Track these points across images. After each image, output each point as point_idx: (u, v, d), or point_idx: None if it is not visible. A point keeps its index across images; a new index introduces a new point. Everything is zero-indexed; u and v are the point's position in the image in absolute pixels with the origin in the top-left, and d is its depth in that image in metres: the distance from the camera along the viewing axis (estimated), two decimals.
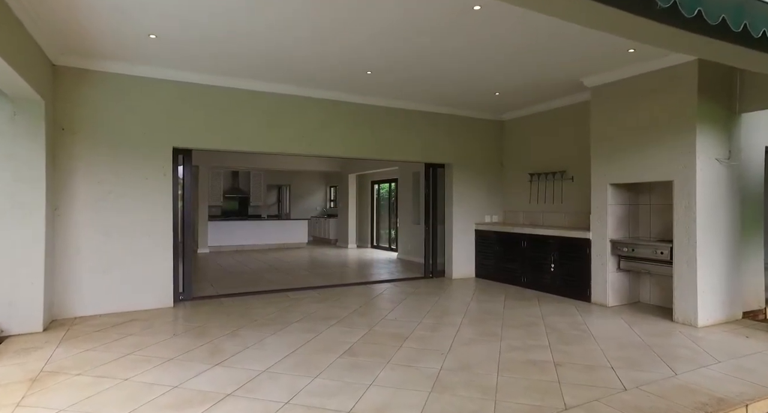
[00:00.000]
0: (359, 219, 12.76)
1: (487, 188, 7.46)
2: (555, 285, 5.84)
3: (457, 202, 7.16)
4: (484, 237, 7.12)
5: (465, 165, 7.22)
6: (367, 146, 6.39)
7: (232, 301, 5.47)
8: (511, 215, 7.43)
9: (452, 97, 6.30)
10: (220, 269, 8.12)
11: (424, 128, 6.84)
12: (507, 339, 3.93)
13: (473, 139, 7.31)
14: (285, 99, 5.79)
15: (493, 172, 7.52)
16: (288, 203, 15.30)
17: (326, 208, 15.67)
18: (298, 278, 7.20)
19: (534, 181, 6.95)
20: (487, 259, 7.04)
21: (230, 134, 5.47)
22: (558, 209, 6.55)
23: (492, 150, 7.51)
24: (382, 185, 12.29)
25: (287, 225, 12.46)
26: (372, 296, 5.83)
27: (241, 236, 11.74)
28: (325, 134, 6.07)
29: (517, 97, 6.33)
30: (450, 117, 7.07)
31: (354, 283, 6.73)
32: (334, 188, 15.43)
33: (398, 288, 6.33)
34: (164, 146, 5.10)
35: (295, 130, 5.86)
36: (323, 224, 14.30)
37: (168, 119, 5.12)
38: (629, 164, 4.94)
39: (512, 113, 7.29)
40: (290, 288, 6.23)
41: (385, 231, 12.20)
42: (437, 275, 7.28)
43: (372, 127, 6.42)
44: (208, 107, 5.34)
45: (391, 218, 11.68)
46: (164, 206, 5.10)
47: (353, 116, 6.28)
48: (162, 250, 5.08)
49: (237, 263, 9.09)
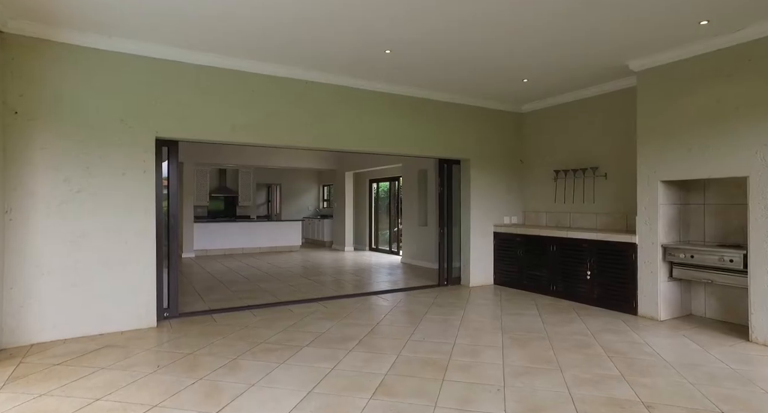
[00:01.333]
0: (356, 220, 12.01)
1: (506, 186, 6.80)
2: (592, 295, 5.20)
3: (474, 202, 6.49)
4: (505, 241, 6.45)
5: (483, 161, 6.55)
6: (380, 139, 5.67)
7: (227, 318, 4.68)
8: (532, 216, 6.79)
9: (472, 83, 5.61)
10: (209, 278, 7.29)
11: (439, 120, 6.14)
12: (568, 368, 3.25)
13: (491, 132, 6.64)
14: (288, 83, 5.03)
15: (512, 169, 6.86)
16: (279, 203, 14.47)
17: (319, 208, 14.88)
18: (298, 287, 6.43)
19: (559, 179, 6.31)
20: (509, 265, 6.38)
21: (224, 122, 4.69)
22: (588, 210, 5.92)
23: (510, 145, 6.85)
24: (381, 183, 11.57)
25: (279, 227, 11.65)
26: (387, 309, 5.10)
27: (229, 239, 10.89)
28: (333, 125, 5.33)
29: (546, 85, 5.67)
30: (467, 108, 6.39)
31: (363, 293, 6.00)
32: (327, 187, 14.65)
33: (414, 299, 5.62)
34: (145, 135, 4.29)
35: (297, 119, 5.10)
36: (317, 225, 13.51)
37: (150, 103, 4.31)
38: (687, 158, 4.32)
39: (533, 104, 6.64)
40: (292, 301, 5.46)
41: (384, 233, 11.49)
42: (452, 282, 6.59)
43: (384, 117, 5.70)
44: (199, 90, 4.55)
45: (392, 219, 10.97)
46: (146, 208, 4.29)
47: (364, 104, 5.54)
48: (143, 259, 4.27)
49: (227, 269, 8.27)
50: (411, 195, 9.01)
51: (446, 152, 6.26)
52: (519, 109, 6.87)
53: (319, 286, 6.49)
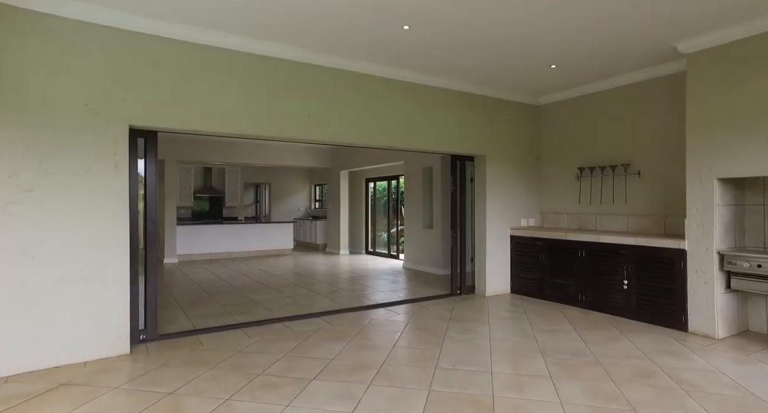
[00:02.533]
0: (352, 222, 11.33)
1: (523, 185, 6.20)
2: (630, 307, 4.62)
3: (490, 202, 5.87)
4: (524, 245, 5.85)
5: (498, 158, 5.94)
6: (393, 132, 5.01)
7: (215, 339, 3.97)
8: (551, 218, 6.20)
9: (491, 70, 4.99)
10: (193, 288, 6.54)
11: (453, 112, 5.51)
12: (643, 407, 2.64)
13: (506, 126, 6.04)
14: (290, 67, 4.34)
15: (529, 166, 6.27)
16: (268, 204, 13.70)
17: (311, 209, 14.15)
18: (295, 298, 5.73)
19: (584, 177, 5.73)
20: (528, 272, 5.78)
21: (212, 110, 3.98)
22: (618, 211, 5.35)
23: (527, 140, 6.26)
24: (378, 183, 10.91)
25: (270, 229, 10.90)
26: (400, 325, 4.45)
27: (215, 243, 10.11)
28: (342, 116, 4.65)
29: (575, 72, 5.08)
30: (482, 100, 5.77)
31: (369, 306, 5.33)
32: (320, 187, 13.93)
33: (427, 312, 4.97)
34: (116, 124, 3.56)
35: (300, 108, 4.41)
36: (308, 227, 12.78)
37: (121, 85, 3.58)
38: (755, 152, 3.76)
39: (552, 95, 6.06)
40: (290, 316, 4.77)
41: (381, 235, 10.83)
42: (466, 291, 5.96)
43: (397, 107, 5.04)
44: (183, 71, 3.83)
45: (390, 220, 10.32)
46: (116, 211, 3.56)
47: (376, 92, 4.88)
48: (113, 273, 3.54)
49: (213, 277, 7.51)
50: (415, 195, 8.37)
51: (460, 147, 5.63)
52: (536, 101, 6.28)
53: (319, 297, 5.80)
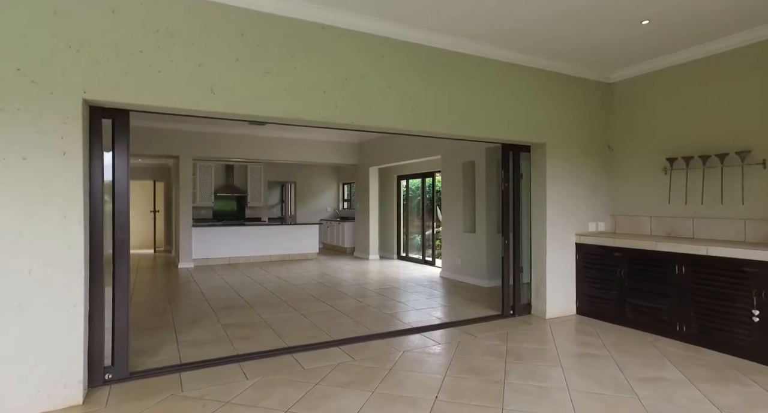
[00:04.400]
0: (382, 223, 10.32)
1: (591, 182, 5.00)
2: (764, 349, 3.36)
3: (552, 202, 4.72)
4: (594, 255, 4.66)
5: (561, 147, 4.78)
6: (428, 113, 3.96)
7: (201, 380, 3.04)
8: (626, 222, 4.97)
9: (558, 30, 3.84)
10: (198, 300, 5.69)
11: (504, 89, 4.40)
12: None
13: (571, 109, 4.86)
14: (295, 27, 3.37)
15: (598, 158, 5.06)
16: (293, 204, 12.89)
17: (339, 209, 13.25)
18: (311, 318, 4.77)
19: (676, 170, 4.49)
20: (602, 289, 4.58)
21: (197, 81, 3.04)
22: (729, 214, 4.09)
23: (596, 126, 5.05)
24: (411, 180, 9.85)
25: (294, 231, 10.04)
26: (441, 363, 3.38)
27: (234, 246, 9.33)
28: (360, 90, 3.64)
29: (674, 28, 3.85)
30: (539, 74, 4.62)
31: (402, 331, 4.28)
32: (348, 186, 13.01)
33: (475, 341, 3.88)
34: (64, 97, 2.67)
35: (308, 80, 3.43)
36: (336, 228, 11.87)
37: (71, 46, 2.69)
38: None
39: (631, 68, 4.83)
40: (302, 345, 3.78)
41: (415, 238, 9.77)
42: (521, 311, 4.82)
43: (433, 81, 3.99)
44: (156, 28, 2.92)
45: (424, 222, 9.24)
46: (67, 212, 2.68)
47: (405, 62, 3.85)
48: (61, 297, 2.66)
49: (225, 286, 6.67)
50: (453, 194, 7.26)
51: (515, 134, 4.50)
52: (607, 77, 5.07)
53: (341, 317, 4.81)
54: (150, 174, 11.80)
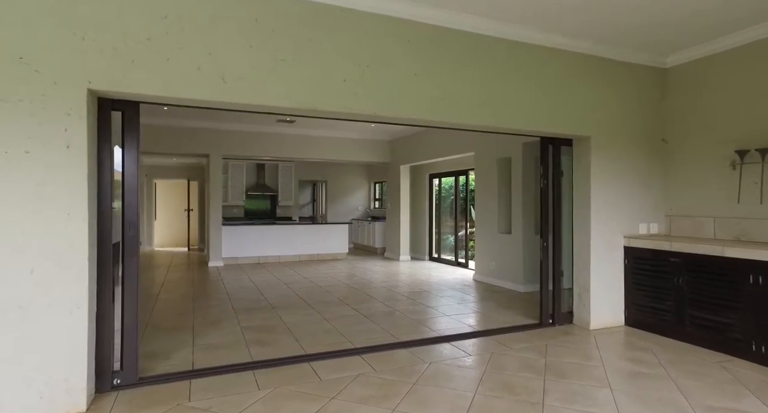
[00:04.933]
0: (413, 223, 10.01)
1: (642, 178, 4.51)
2: None
3: (596, 201, 4.27)
4: (647, 261, 4.17)
5: (607, 140, 4.31)
6: (460, 103, 3.63)
7: (213, 389, 2.85)
8: (684, 224, 4.44)
9: (602, 14, 3.41)
10: (221, 300, 5.58)
11: (543, 77, 4.00)
12: None
13: (619, 97, 4.38)
14: (313, 11, 3.13)
15: (650, 153, 4.55)
16: (324, 203, 12.78)
17: (370, 209, 13.03)
18: (334, 322, 4.53)
19: (748, 163, 3.94)
20: (656, 299, 4.09)
21: (208, 70, 2.85)
22: None
23: (648, 116, 4.54)
24: (444, 179, 9.48)
25: (324, 231, 9.89)
26: (472, 378, 3.04)
27: (264, 245, 9.27)
28: (386, 79, 3.36)
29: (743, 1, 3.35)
30: (582, 59, 4.18)
31: (430, 339, 3.97)
32: (379, 185, 12.76)
33: (510, 353, 3.51)
34: (68, 86, 2.53)
35: (329, 69, 3.18)
36: (366, 228, 11.65)
37: (76, 27, 2.55)
38: None
39: (690, 51, 4.30)
40: (322, 353, 3.54)
41: (448, 239, 9.39)
42: (561, 320, 4.40)
43: (464, 68, 3.65)
44: (164, 14, 2.74)
45: (457, 222, 8.85)
46: (71, 207, 2.54)
47: (434, 48, 3.53)
48: (64, 297, 2.52)
49: (251, 286, 6.56)
50: (488, 192, 6.86)
51: (556, 126, 4.09)
52: (662, 62, 4.55)
53: (366, 322, 4.54)
54: (184, 173, 11.99)
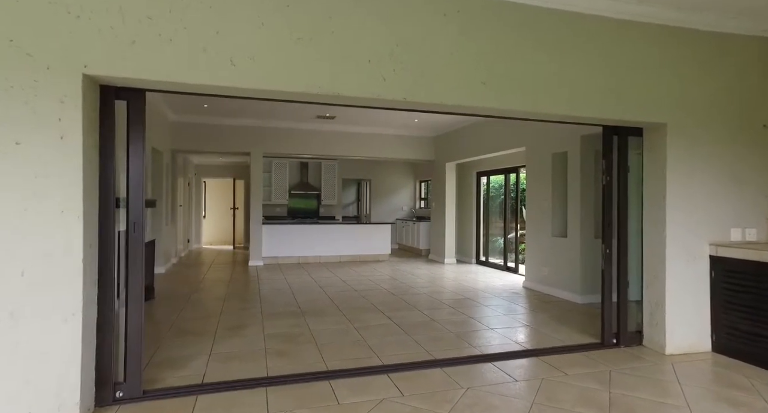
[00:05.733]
0: (460, 224, 9.45)
1: (735, 173, 3.73)
2: None
3: (673, 201, 3.57)
4: (742, 274, 3.42)
5: (689, 128, 3.60)
6: (501, 84, 3.11)
7: (218, 406, 2.54)
8: None
9: None
10: (251, 302, 5.37)
11: (606, 54, 3.38)
12: None
13: (707, 76, 3.65)
14: None
15: (747, 143, 3.77)
16: (368, 203, 12.48)
17: (415, 208, 12.57)
18: (364, 332, 4.14)
19: None
20: (756, 322, 3.34)
21: (216, 51, 2.55)
22: None
23: (744, 98, 3.76)
24: (493, 177, 8.85)
25: (365, 231, 9.57)
26: (521, 411, 2.54)
27: (304, 245, 9.09)
28: (413, 60, 2.92)
29: None
30: (661, 32, 3.51)
31: (470, 357, 3.47)
32: (425, 183, 12.28)
33: (566, 381, 2.95)
34: (62, 71, 2.31)
35: (353, 48, 2.79)
36: (411, 229, 11.21)
37: (67, 13, 2.32)
38: None
39: None
40: (345, 371, 3.16)
41: (497, 241, 8.75)
42: (628, 340, 3.74)
43: (506, 45, 3.14)
44: None
45: (506, 223, 8.20)
46: (66, 204, 2.32)
47: (476, 22, 3.05)
48: (58, 302, 2.30)
49: (285, 288, 6.33)
50: (540, 191, 6.20)
51: (622, 112, 3.45)
52: (764, 31, 3.75)
53: (398, 333, 4.11)
54: (230, 172, 12.14)
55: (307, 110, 7.65)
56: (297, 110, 7.59)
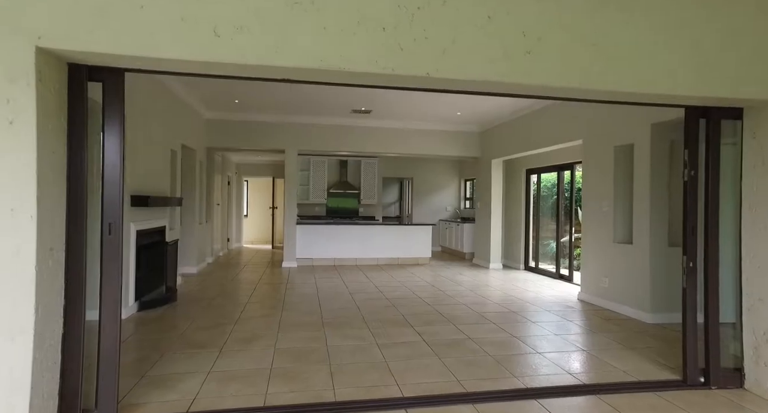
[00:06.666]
0: (507, 227, 8.67)
1: None
2: None
3: None
4: None
5: None
6: (547, 56, 2.47)
7: None
8: None
9: None
10: (273, 309, 4.99)
11: (692, 11, 2.63)
12: None
13: None
14: None
15: None
16: (410, 202, 11.91)
17: (459, 209, 11.85)
18: (387, 353, 3.61)
19: None
20: None
21: (195, 20, 2.12)
22: None
23: None
24: (544, 175, 8.01)
25: (404, 233, 9.02)
26: None
27: (340, 247, 8.68)
28: (436, 26, 2.35)
29: None
30: None
31: (508, 392, 2.84)
32: (470, 182, 11.54)
33: None
34: (9, 44, 1.96)
35: (355, 13, 2.27)
36: (455, 230, 10.53)
37: None
38: None
39: None
40: (352, 404, 2.65)
41: (549, 246, 7.91)
42: (722, 380, 2.94)
43: (559, 6, 2.49)
44: None
45: (559, 226, 7.35)
46: (17, 204, 1.97)
47: None
48: (1, 320, 1.96)
49: (312, 293, 5.92)
50: (599, 190, 5.37)
51: (713, 88, 2.68)
52: None
53: (424, 355, 3.53)
54: (269, 171, 12.03)
55: (341, 104, 7.23)
56: (331, 104, 7.19)
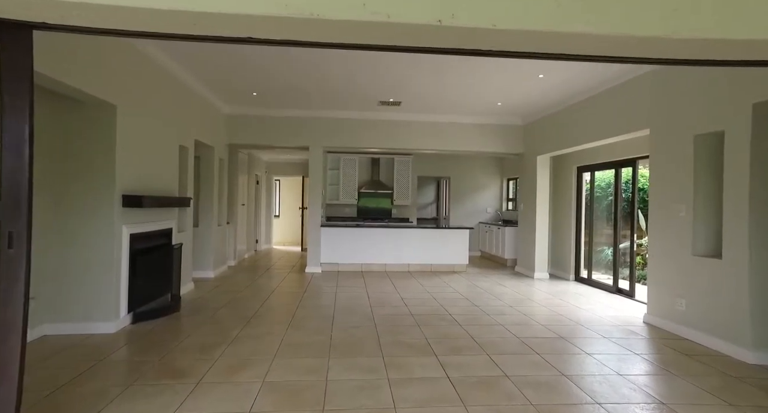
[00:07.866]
0: (554, 231, 7.68)
1: None
2: None
3: None
4: None
5: None
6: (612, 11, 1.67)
7: None
8: None
9: None
10: (278, 328, 4.38)
11: None
12: None
13: None
14: None
15: None
16: (447, 203, 11.07)
17: (502, 210, 10.89)
18: (397, 392, 2.89)
19: None
20: None
21: None
22: None
23: None
24: (598, 172, 6.97)
25: (439, 237, 8.22)
26: None
27: (368, 251, 8.02)
28: None
29: None
30: None
31: None
32: (514, 182, 10.56)
33: None
34: None
35: None
36: (495, 234, 9.61)
37: None
38: None
39: None
40: None
41: (604, 253, 6.88)
42: None
43: None
44: None
45: (617, 230, 6.31)
46: None
47: None
48: None
49: (329, 306, 5.27)
50: (672, 190, 4.37)
51: None
52: None
53: (445, 400, 2.77)
54: (300, 170, 11.58)
55: (367, 97, 6.57)
56: (356, 96, 6.54)
